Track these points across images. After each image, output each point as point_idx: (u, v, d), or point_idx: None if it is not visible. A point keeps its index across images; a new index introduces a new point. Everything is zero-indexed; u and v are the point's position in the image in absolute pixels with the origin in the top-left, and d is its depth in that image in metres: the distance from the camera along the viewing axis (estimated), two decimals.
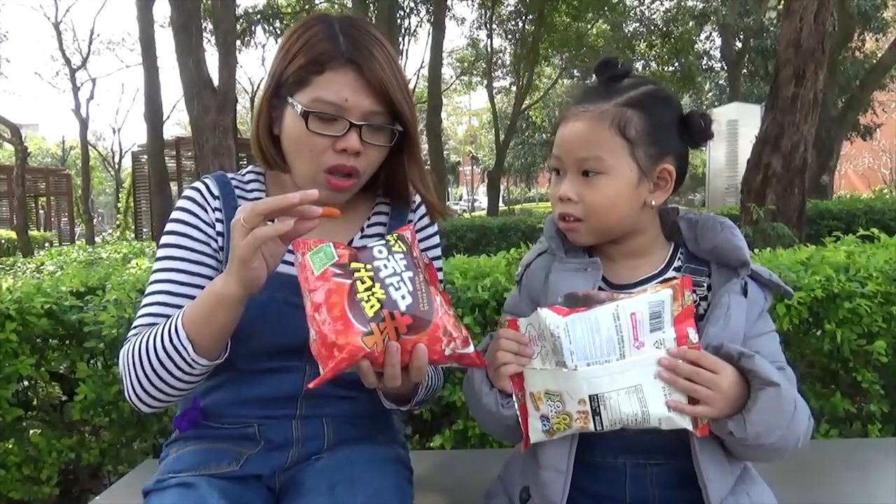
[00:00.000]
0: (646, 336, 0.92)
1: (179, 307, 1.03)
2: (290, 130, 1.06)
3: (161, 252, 1.12)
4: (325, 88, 1.03)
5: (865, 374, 1.84)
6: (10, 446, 1.97)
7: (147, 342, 1.00)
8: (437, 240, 1.27)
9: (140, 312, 1.09)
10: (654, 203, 1.03)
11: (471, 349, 0.91)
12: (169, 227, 1.13)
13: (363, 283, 0.86)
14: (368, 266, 0.88)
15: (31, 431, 2.00)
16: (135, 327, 1.08)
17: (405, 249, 0.92)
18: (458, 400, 1.83)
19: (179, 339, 0.97)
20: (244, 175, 1.20)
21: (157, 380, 1.00)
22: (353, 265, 0.87)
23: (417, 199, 1.26)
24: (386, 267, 0.88)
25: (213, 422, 1.15)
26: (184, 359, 0.97)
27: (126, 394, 1.04)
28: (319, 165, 1.05)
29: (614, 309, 0.92)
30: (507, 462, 1.18)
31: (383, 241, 0.93)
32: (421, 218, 1.26)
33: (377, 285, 0.86)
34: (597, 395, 0.92)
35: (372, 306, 0.84)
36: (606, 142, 0.98)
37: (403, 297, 0.86)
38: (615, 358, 0.92)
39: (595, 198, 1.00)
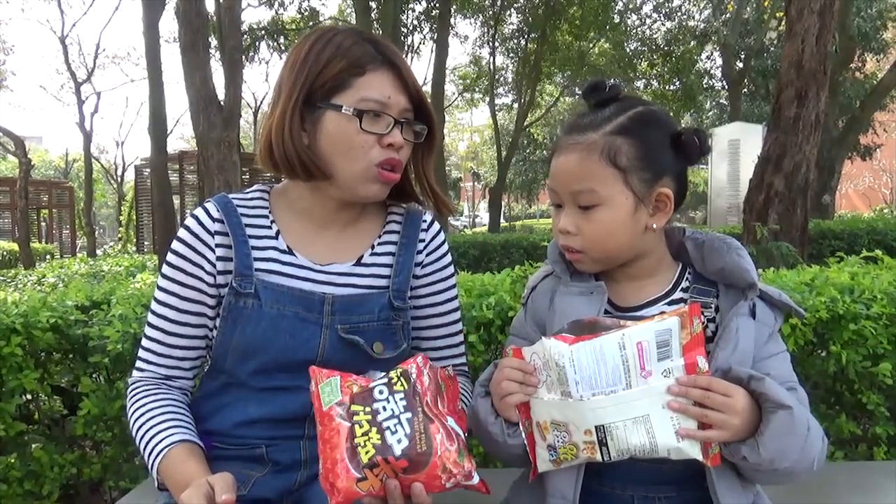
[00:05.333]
0: (653, 365, 0.91)
1: (173, 346, 1.14)
2: (335, 132, 1.08)
3: (157, 294, 1.16)
4: (368, 88, 1.07)
5: (871, 396, 1.83)
6: (12, 461, 1.96)
7: (137, 430, 1.09)
8: (448, 258, 1.28)
9: (140, 353, 1.17)
10: (654, 226, 1.01)
11: (475, 481, 0.92)
12: (167, 259, 1.16)
13: (361, 427, 0.89)
14: (367, 409, 0.91)
15: (34, 446, 1.99)
16: (137, 367, 1.16)
17: (406, 388, 0.93)
18: None
19: (153, 472, 1.06)
20: (248, 194, 1.21)
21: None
22: (354, 407, 0.91)
23: (429, 217, 1.26)
24: (384, 409, 0.91)
25: (220, 443, 1.15)
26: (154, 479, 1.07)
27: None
28: (370, 161, 1.09)
29: (620, 338, 0.91)
30: (513, 485, 1.17)
31: (385, 380, 0.94)
32: (434, 237, 1.26)
33: (374, 430, 0.89)
34: (603, 425, 0.91)
35: (367, 452, 0.87)
36: (598, 173, 0.98)
37: (399, 441, 0.88)
38: (621, 388, 0.90)
39: (592, 230, 1.00)
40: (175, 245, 1.15)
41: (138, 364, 1.16)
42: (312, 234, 1.18)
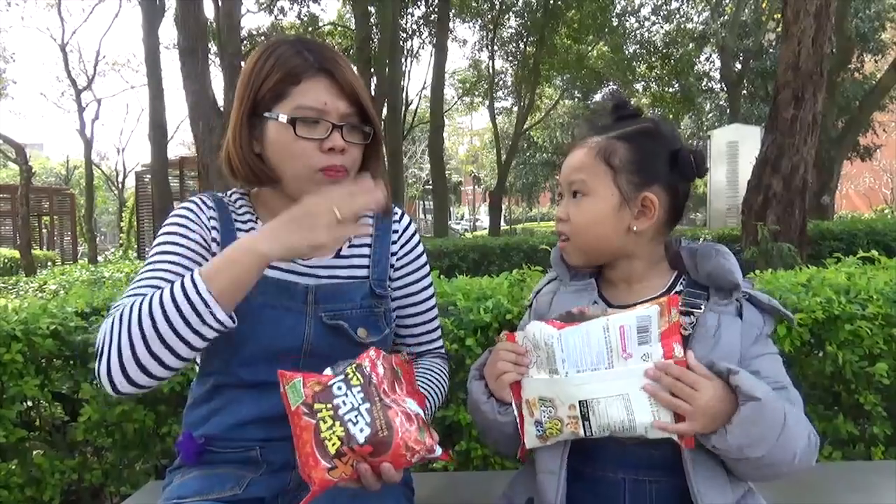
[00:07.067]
0: (633, 348, 0.97)
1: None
2: (276, 141, 1.11)
3: (157, 247, 1.12)
4: (304, 96, 1.10)
5: (868, 396, 1.83)
6: (13, 467, 1.96)
7: (150, 301, 0.95)
8: (421, 248, 1.33)
9: (131, 290, 1.04)
10: (636, 228, 1.08)
11: (437, 453, 1.00)
12: (165, 228, 1.15)
13: (325, 422, 0.96)
14: (329, 405, 0.98)
15: (34, 452, 2.00)
16: (119, 304, 1.01)
17: (362, 381, 1.00)
18: (462, 420, 1.84)
19: (198, 293, 0.94)
20: (231, 195, 1.25)
21: (157, 344, 0.94)
22: (317, 406, 0.98)
23: (399, 210, 1.31)
24: (344, 403, 0.97)
25: (215, 446, 1.17)
26: (200, 314, 0.94)
27: (105, 367, 0.95)
28: (312, 167, 1.11)
29: (605, 322, 0.99)
30: (511, 480, 1.21)
31: (342, 377, 1.00)
32: (406, 228, 1.30)
33: (337, 423, 0.96)
34: (586, 400, 0.98)
35: (333, 444, 0.95)
36: (591, 167, 1.09)
37: (362, 430, 0.95)
38: (604, 367, 0.98)
39: (578, 216, 1.10)
40: (174, 219, 1.15)
41: (122, 301, 1.02)
42: None
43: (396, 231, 1.29)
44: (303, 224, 0.97)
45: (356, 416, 0.96)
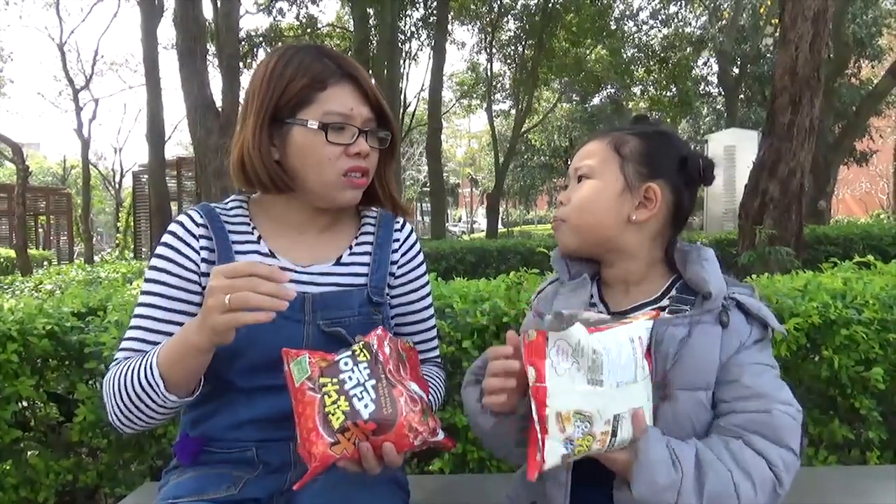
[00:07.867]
0: (644, 361, 0.95)
1: (156, 343, 1.10)
2: (304, 146, 1.12)
3: (144, 286, 1.16)
4: (331, 102, 1.12)
5: (863, 400, 1.84)
6: (8, 468, 1.96)
7: (126, 374, 1.06)
8: (421, 257, 1.34)
9: (122, 345, 1.14)
10: (635, 218, 1.07)
11: (440, 436, 1.01)
12: (151, 262, 1.17)
13: (329, 396, 0.96)
14: (335, 380, 0.98)
15: (29, 453, 1.99)
16: (116, 359, 1.13)
17: (369, 358, 1.01)
18: (458, 423, 1.84)
19: (153, 376, 1.02)
20: (228, 204, 1.25)
21: (134, 409, 1.05)
22: (322, 380, 0.98)
23: (400, 219, 1.32)
24: (350, 379, 0.98)
25: (212, 447, 1.17)
26: (157, 394, 1.02)
27: (109, 417, 1.09)
28: (338, 171, 1.13)
29: (628, 331, 0.95)
30: (514, 481, 1.21)
31: (349, 353, 1.01)
32: (407, 237, 1.31)
33: (342, 398, 0.96)
34: (618, 414, 0.91)
35: (337, 418, 0.94)
36: (600, 153, 1.11)
37: (366, 406, 0.95)
38: (630, 379, 0.93)
39: (578, 196, 1.11)
40: (160, 249, 1.17)
41: (116, 357, 1.14)
42: (292, 239, 1.22)
43: (398, 240, 1.29)
44: (206, 306, 0.95)
45: (361, 392, 0.96)
